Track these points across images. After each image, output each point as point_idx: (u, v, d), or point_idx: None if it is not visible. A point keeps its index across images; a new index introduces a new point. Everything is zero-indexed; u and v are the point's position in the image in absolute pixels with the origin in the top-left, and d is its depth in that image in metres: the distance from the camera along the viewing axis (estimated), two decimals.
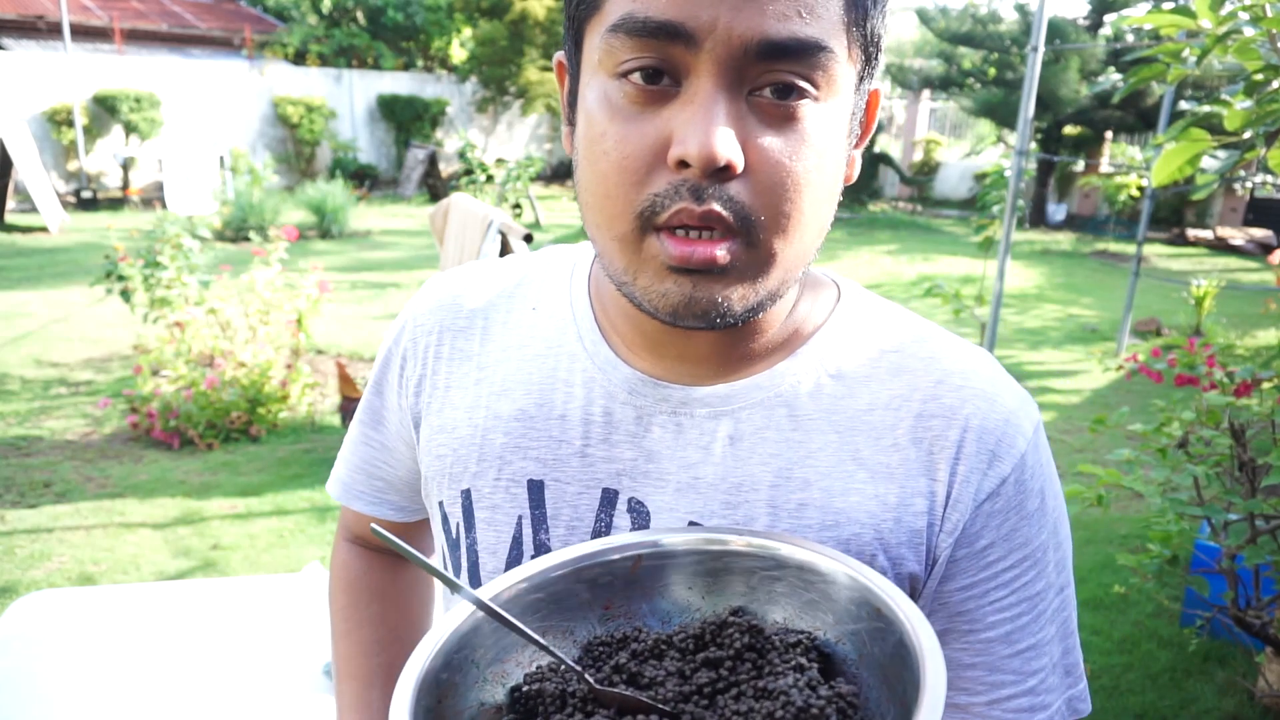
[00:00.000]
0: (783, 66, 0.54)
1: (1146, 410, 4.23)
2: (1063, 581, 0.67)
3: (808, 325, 0.69)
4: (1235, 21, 1.56)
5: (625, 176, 0.56)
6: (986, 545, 0.64)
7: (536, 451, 0.70)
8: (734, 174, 0.54)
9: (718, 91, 0.53)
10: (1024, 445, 0.64)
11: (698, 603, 0.58)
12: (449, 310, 0.77)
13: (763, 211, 0.56)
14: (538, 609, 0.57)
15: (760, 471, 0.65)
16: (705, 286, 0.57)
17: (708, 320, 0.58)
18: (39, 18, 13.99)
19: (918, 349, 0.68)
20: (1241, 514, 2.21)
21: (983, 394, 0.65)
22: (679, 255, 0.56)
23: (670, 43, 0.53)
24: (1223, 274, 10.08)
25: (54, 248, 9.38)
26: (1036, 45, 4.54)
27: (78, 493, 3.96)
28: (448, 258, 3.97)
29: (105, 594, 2.24)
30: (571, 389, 0.70)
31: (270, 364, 4.73)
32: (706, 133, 0.52)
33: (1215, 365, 2.72)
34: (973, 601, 0.64)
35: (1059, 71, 12.56)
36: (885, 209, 15.70)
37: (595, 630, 0.58)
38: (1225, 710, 2.75)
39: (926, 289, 5.29)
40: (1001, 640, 0.64)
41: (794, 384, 0.66)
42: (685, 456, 0.66)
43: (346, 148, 14.90)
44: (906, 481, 0.64)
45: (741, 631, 0.53)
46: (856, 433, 0.65)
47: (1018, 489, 0.64)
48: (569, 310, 0.73)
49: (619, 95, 0.56)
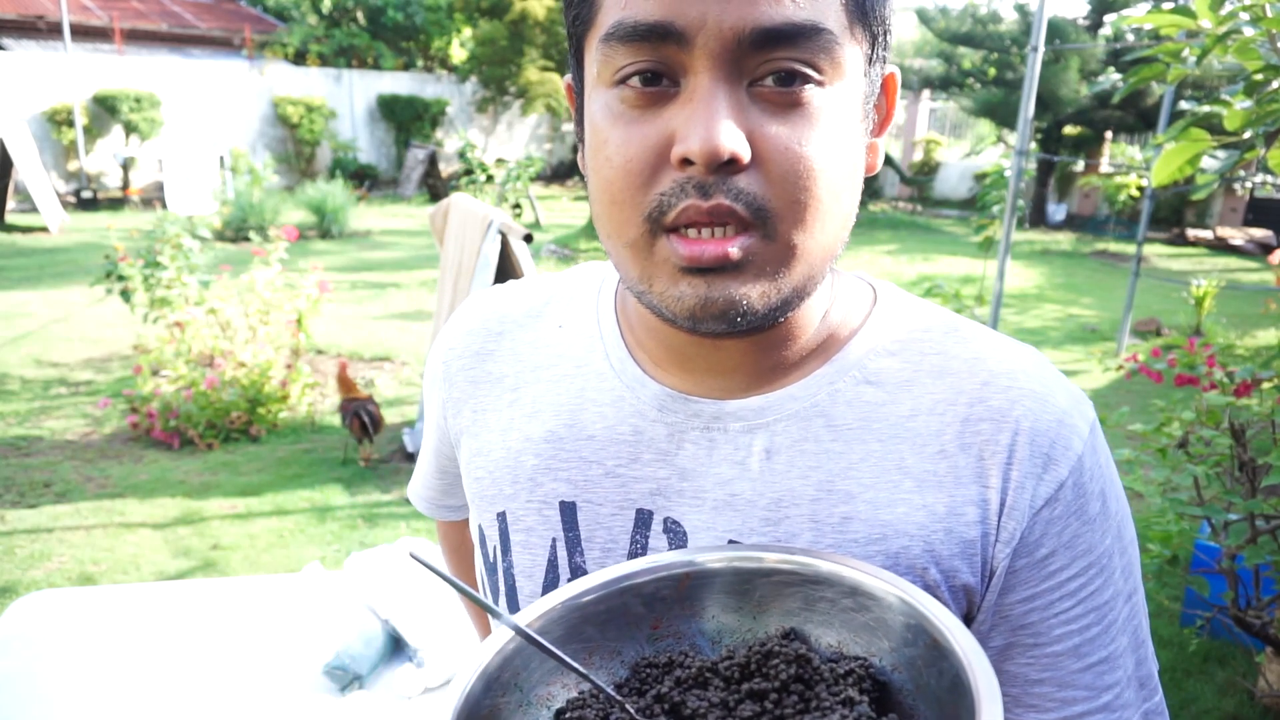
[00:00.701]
0: (781, 54, 0.52)
1: (1146, 410, 4.23)
2: (1131, 587, 0.64)
3: (843, 330, 0.66)
4: (1235, 21, 1.56)
5: (630, 180, 0.55)
6: (1048, 554, 0.61)
7: (567, 473, 0.68)
8: (741, 166, 0.53)
9: (716, 85, 0.52)
10: (1080, 446, 0.61)
11: (748, 623, 0.56)
12: (479, 334, 0.76)
13: (777, 201, 0.54)
14: (584, 630, 0.56)
15: (800, 485, 0.62)
16: (721, 285, 0.55)
17: (728, 321, 0.56)
18: (39, 18, 13.99)
19: (961, 350, 0.65)
20: (1241, 514, 2.21)
21: (1033, 394, 0.62)
22: (689, 255, 0.54)
23: (663, 43, 0.52)
24: (1223, 274, 10.08)
25: (54, 248, 9.38)
26: (1036, 45, 4.55)
27: (78, 493, 3.95)
28: (448, 258, 3.97)
29: (105, 594, 2.24)
30: (601, 408, 0.68)
31: (270, 364, 4.73)
32: (707, 126, 0.51)
33: (1215, 365, 2.72)
34: (1036, 614, 0.61)
35: (1059, 71, 12.56)
36: (885, 209, 15.70)
37: (644, 651, 0.56)
38: (1225, 710, 2.75)
39: (926, 289, 5.28)
40: (1070, 654, 0.61)
41: (831, 393, 0.64)
42: (720, 473, 0.64)
43: (346, 148, 14.90)
44: (956, 490, 0.61)
45: (788, 662, 0.50)
46: (900, 441, 0.62)
47: (1076, 493, 0.61)
48: (596, 328, 0.72)
49: (618, 102, 0.55)
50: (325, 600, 2.29)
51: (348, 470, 4.30)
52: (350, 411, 4.25)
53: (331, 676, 2.02)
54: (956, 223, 14.44)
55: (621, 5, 0.53)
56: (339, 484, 4.15)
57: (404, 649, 2.19)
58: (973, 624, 0.62)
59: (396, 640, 2.19)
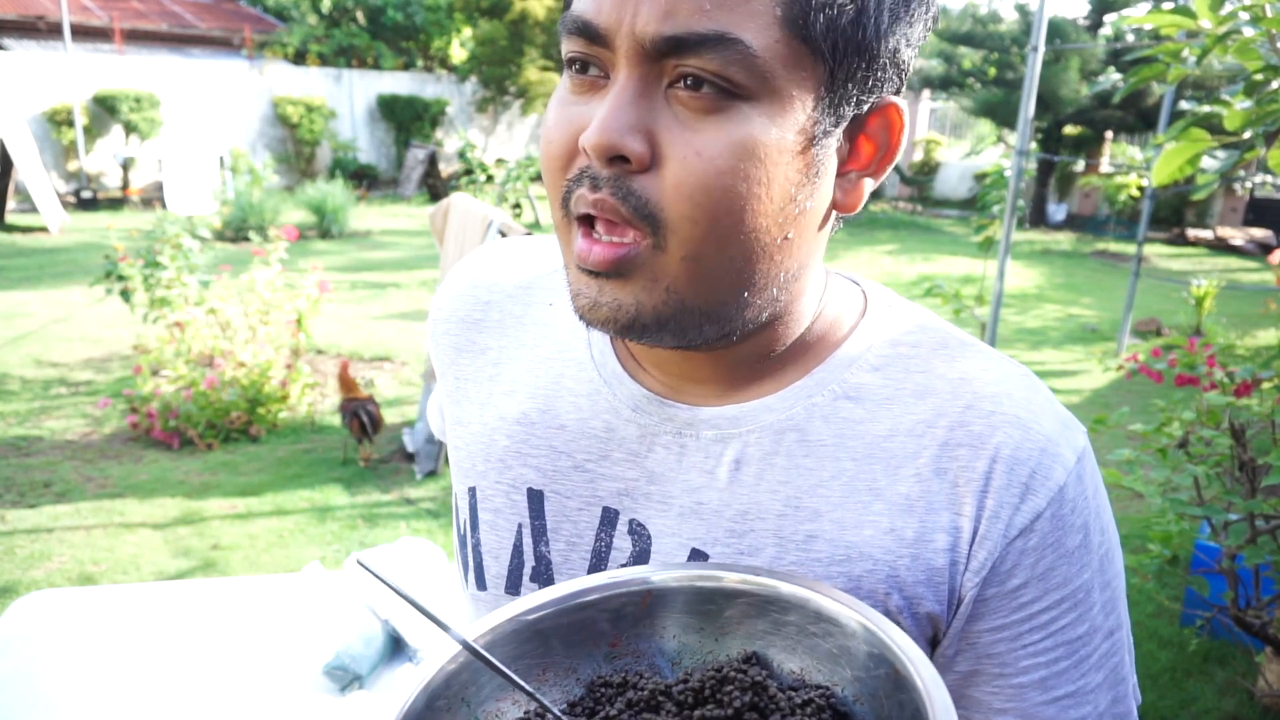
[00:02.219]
0: (690, 61, 0.51)
1: (1147, 410, 4.23)
2: (1112, 624, 0.62)
3: (828, 340, 0.64)
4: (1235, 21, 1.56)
5: (552, 163, 0.57)
6: (1019, 585, 0.59)
7: (536, 460, 0.68)
8: (637, 166, 0.53)
9: (630, 84, 0.53)
10: (1063, 476, 0.59)
11: (710, 645, 0.55)
12: (468, 301, 0.75)
13: (670, 210, 0.53)
14: (540, 644, 0.55)
15: (767, 500, 0.61)
16: (609, 290, 0.55)
17: (616, 326, 0.56)
18: (39, 18, 13.99)
19: (947, 369, 0.62)
20: (1241, 514, 2.21)
21: (1016, 420, 0.60)
22: (579, 252, 0.55)
23: (594, 41, 0.54)
24: (1223, 274, 10.08)
25: (54, 248, 9.38)
26: (1036, 45, 4.55)
27: (78, 493, 3.96)
28: (448, 258, 3.97)
29: (105, 594, 2.24)
30: (576, 399, 0.68)
31: (270, 364, 4.73)
32: (603, 119, 0.52)
33: (1215, 365, 2.72)
34: (1004, 644, 0.60)
35: (1059, 71, 12.56)
36: (885, 209, 15.70)
37: (600, 669, 0.55)
38: (1225, 710, 2.75)
39: (926, 289, 5.28)
40: (1035, 686, 0.60)
41: (808, 407, 0.62)
42: (689, 480, 0.63)
43: (346, 148, 14.90)
44: (928, 516, 0.59)
45: (744, 689, 0.49)
46: (875, 461, 0.61)
47: (1055, 524, 0.59)
48: None
49: (563, 87, 0.57)
50: (325, 600, 2.29)
51: (348, 470, 4.30)
52: (350, 411, 4.25)
53: (331, 676, 2.02)
54: (956, 223, 14.44)
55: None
56: (339, 484, 4.16)
57: (404, 649, 2.19)
58: (938, 648, 0.61)
59: (396, 640, 2.19)
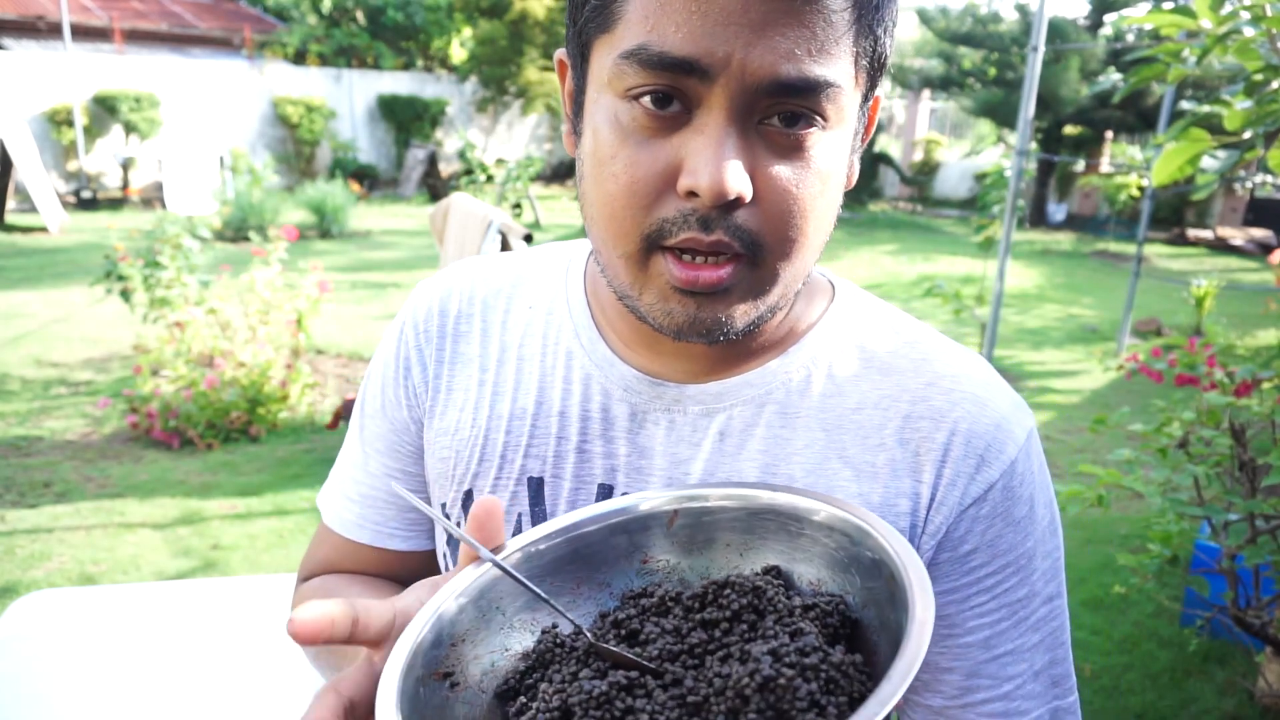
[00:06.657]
0: (793, 102, 0.55)
1: (1147, 410, 4.22)
2: (1051, 591, 0.67)
3: (801, 324, 0.70)
4: (1235, 21, 1.56)
5: (634, 200, 0.57)
6: (970, 550, 0.64)
7: (537, 449, 0.71)
8: (742, 204, 0.55)
9: (729, 124, 0.54)
10: (1014, 451, 0.64)
11: (735, 560, 0.58)
12: (446, 314, 0.77)
13: (769, 236, 0.57)
14: (573, 561, 0.58)
15: (747, 467, 0.66)
16: (710, 307, 0.59)
17: (711, 337, 0.60)
18: (39, 18, 13.98)
19: (909, 351, 0.68)
20: (1241, 514, 2.21)
21: (974, 398, 0.65)
22: (685, 279, 0.57)
23: (685, 75, 0.54)
24: (1223, 274, 10.08)
25: (54, 248, 9.37)
26: (1037, 45, 4.55)
27: (78, 493, 3.95)
28: (448, 258, 3.97)
29: (105, 594, 2.24)
30: (570, 386, 0.71)
31: (270, 364, 4.73)
32: (718, 166, 0.53)
33: (1215, 365, 2.72)
34: (953, 606, 0.65)
35: (1059, 71, 12.56)
36: (885, 209, 15.70)
37: (632, 583, 0.58)
38: (1225, 710, 2.75)
39: (927, 289, 5.29)
40: (980, 645, 0.65)
41: (785, 381, 0.68)
42: (676, 453, 0.68)
43: (346, 148, 14.90)
44: (891, 482, 0.64)
45: (741, 593, 0.52)
46: (844, 431, 0.66)
47: (1005, 495, 0.64)
48: (565, 308, 0.74)
49: (628, 118, 0.56)
50: None
51: None
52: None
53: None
54: (956, 223, 14.43)
55: (647, 28, 0.54)
56: None
57: None
58: None
59: None
